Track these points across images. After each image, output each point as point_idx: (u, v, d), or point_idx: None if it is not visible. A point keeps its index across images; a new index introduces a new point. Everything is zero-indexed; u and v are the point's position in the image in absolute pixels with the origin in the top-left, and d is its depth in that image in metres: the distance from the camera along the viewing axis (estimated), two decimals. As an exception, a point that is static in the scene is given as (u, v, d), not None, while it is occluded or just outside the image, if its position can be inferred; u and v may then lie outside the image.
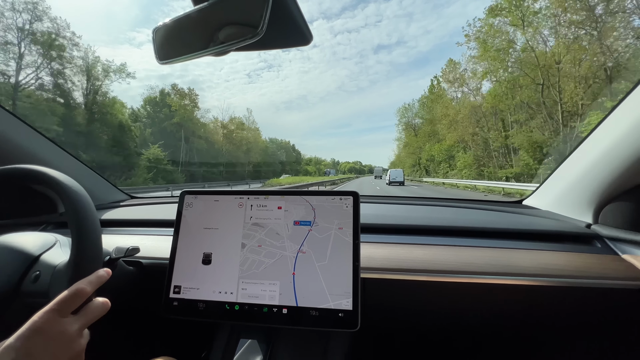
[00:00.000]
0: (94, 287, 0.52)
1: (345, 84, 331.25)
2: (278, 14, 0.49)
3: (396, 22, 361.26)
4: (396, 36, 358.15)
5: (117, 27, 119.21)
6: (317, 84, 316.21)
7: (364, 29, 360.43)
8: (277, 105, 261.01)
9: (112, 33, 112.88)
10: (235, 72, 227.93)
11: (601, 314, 0.82)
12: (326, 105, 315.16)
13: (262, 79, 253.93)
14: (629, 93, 0.73)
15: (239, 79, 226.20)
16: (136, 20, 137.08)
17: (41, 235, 0.77)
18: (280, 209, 0.75)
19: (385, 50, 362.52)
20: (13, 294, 0.63)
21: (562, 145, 19.35)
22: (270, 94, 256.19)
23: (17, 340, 0.41)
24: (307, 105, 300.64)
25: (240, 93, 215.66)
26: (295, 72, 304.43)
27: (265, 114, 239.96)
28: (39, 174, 0.63)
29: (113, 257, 0.71)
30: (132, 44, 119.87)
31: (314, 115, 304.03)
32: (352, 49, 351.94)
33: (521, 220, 0.99)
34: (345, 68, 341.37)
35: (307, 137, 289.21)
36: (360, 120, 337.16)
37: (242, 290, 0.70)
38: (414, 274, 0.77)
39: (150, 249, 0.90)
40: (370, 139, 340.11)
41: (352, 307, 0.65)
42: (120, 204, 1.39)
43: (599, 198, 0.85)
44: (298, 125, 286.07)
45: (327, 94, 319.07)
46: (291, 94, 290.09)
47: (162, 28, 0.60)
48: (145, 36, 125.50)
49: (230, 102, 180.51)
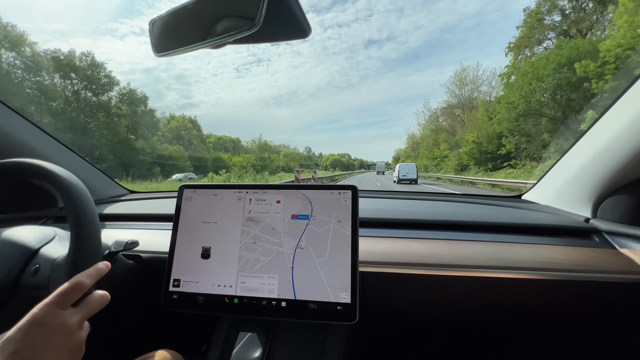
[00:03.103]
0: (93, 280, 0.52)
1: (335, 80, 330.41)
2: (276, 5, 0.48)
3: (387, 16, 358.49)
4: (387, 31, 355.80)
5: (97, 18, 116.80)
6: (307, 79, 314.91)
7: (354, 23, 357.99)
8: (266, 100, 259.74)
9: (92, 23, 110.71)
10: (223, 66, 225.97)
11: (599, 307, 0.82)
12: (316, 101, 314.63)
13: (251, 73, 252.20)
14: (628, 88, 0.73)
15: (227, 73, 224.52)
16: (118, 10, 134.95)
17: (40, 229, 0.77)
18: (279, 202, 0.75)
19: (375, 46, 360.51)
20: (13, 287, 0.64)
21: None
22: (260, 89, 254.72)
23: (18, 332, 0.41)
24: (297, 100, 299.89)
25: (228, 88, 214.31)
26: (285, 66, 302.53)
27: (255, 110, 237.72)
28: (37, 168, 0.63)
29: (112, 250, 0.71)
30: (115, 36, 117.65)
31: (304, 111, 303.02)
32: (343, 44, 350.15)
33: (520, 215, 0.99)
34: (336, 63, 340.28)
35: (297, 133, 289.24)
36: (350, 116, 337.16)
37: (241, 283, 0.70)
38: (413, 267, 0.78)
39: (150, 243, 0.90)
40: (360, 135, 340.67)
41: (350, 300, 0.65)
42: (120, 198, 1.39)
43: (598, 192, 0.85)
44: (288, 121, 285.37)
45: (318, 90, 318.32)
46: (281, 89, 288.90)
47: (158, 20, 0.60)
48: (128, 28, 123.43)
49: (219, 97, 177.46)
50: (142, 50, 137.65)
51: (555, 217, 0.96)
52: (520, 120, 24.68)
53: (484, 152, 29.42)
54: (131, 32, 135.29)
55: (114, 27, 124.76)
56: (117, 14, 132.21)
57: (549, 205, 1.06)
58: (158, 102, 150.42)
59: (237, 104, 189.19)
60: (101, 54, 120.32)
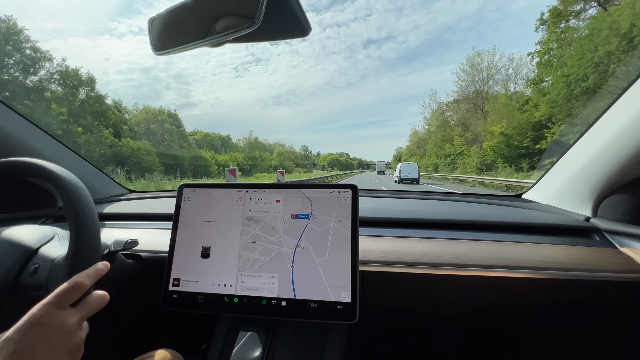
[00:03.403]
0: (93, 280, 0.52)
1: (334, 79, 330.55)
2: (275, 4, 0.48)
3: (386, 16, 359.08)
4: (386, 31, 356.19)
5: (95, 17, 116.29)
6: (306, 79, 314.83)
7: (353, 22, 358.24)
8: (265, 100, 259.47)
9: (90, 23, 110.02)
10: (222, 66, 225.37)
11: (599, 306, 0.82)
12: (315, 101, 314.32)
13: (250, 73, 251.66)
14: (629, 86, 0.73)
15: (226, 72, 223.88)
16: (116, 9, 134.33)
17: (39, 229, 0.77)
18: (279, 202, 0.75)
19: (374, 45, 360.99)
20: (12, 287, 0.63)
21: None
22: (259, 88, 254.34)
23: (16, 332, 0.41)
24: (296, 100, 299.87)
25: (227, 87, 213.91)
26: (284, 66, 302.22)
27: (254, 109, 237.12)
28: (36, 167, 0.63)
29: (112, 250, 0.71)
30: (113, 35, 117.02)
31: (303, 111, 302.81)
32: (342, 43, 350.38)
33: (520, 214, 0.99)
34: (335, 63, 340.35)
35: (297, 132, 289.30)
36: (349, 115, 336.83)
37: (241, 283, 0.70)
38: (413, 266, 0.77)
39: (150, 243, 0.90)
40: (359, 135, 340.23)
41: (350, 299, 0.65)
42: (119, 197, 1.39)
43: (598, 191, 0.85)
44: (287, 121, 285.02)
45: (317, 89, 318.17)
46: (280, 88, 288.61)
47: (157, 18, 0.59)
48: (126, 27, 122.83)
49: (218, 96, 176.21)
50: (140, 50, 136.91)
51: (556, 216, 0.95)
52: (573, 101, 17.78)
53: (514, 147, 23.16)
54: (129, 31, 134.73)
55: (112, 26, 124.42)
56: (115, 13, 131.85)
57: (549, 205, 1.06)
58: (157, 101, 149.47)
59: (236, 104, 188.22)
60: (99, 53, 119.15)
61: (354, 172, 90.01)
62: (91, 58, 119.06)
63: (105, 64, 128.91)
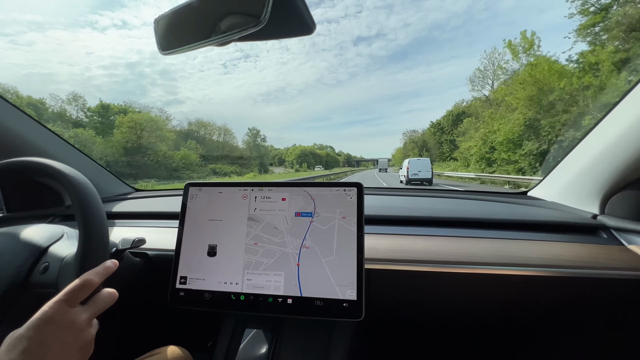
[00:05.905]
0: (102, 278, 0.53)
1: (324, 77, 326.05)
2: (281, 2, 0.48)
3: (376, 13, 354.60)
4: (376, 28, 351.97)
5: (76, 9, 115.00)
6: (295, 76, 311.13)
7: (343, 19, 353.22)
8: (254, 97, 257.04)
9: (70, 15, 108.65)
10: (210, 62, 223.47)
11: (606, 304, 0.81)
12: (305, 98, 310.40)
13: (238, 69, 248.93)
14: (636, 84, 0.72)
15: (214, 69, 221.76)
16: (98, 1, 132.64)
17: (49, 228, 0.78)
18: (285, 200, 0.75)
19: (364, 43, 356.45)
20: (23, 285, 0.64)
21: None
22: (248, 85, 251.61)
23: (29, 329, 0.42)
24: (285, 97, 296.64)
25: (215, 84, 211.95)
26: (274, 63, 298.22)
27: (243, 107, 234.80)
28: (44, 166, 0.63)
29: (120, 248, 0.72)
30: (95, 28, 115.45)
31: (293, 108, 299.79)
32: (332, 40, 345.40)
33: (526, 211, 0.98)
34: (325, 60, 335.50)
35: (286, 130, 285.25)
36: (339, 113, 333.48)
37: (247, 280, 0.70)
38: (418, 264, 0.77)
39: (156, 241, 0.91)
40: (349, 133, 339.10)
41: (356, 297, 0.65)
42: (126, 196, 1.40)
43: (606, 189, 0.84)
44: (276, 118, 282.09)
45: (306, 87, 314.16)
46: (269, 85, 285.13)
47: (163, 18, 0.60)
48: (109, 20, 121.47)
49: (205, 93, 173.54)
50: (124, 44, 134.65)
51: (562, 213, 0.95)
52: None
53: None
54: (112, 25, 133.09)
55: (94, 19, 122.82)
56: (96, 5, 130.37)
57: (555, 202, 1.05)
58: (142, 98, 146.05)
59: (225, 101, 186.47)
60: (81, 47, 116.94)
61: (335, 170, 63.67)
62: (72, 52, 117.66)
63: (87, 58, 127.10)
